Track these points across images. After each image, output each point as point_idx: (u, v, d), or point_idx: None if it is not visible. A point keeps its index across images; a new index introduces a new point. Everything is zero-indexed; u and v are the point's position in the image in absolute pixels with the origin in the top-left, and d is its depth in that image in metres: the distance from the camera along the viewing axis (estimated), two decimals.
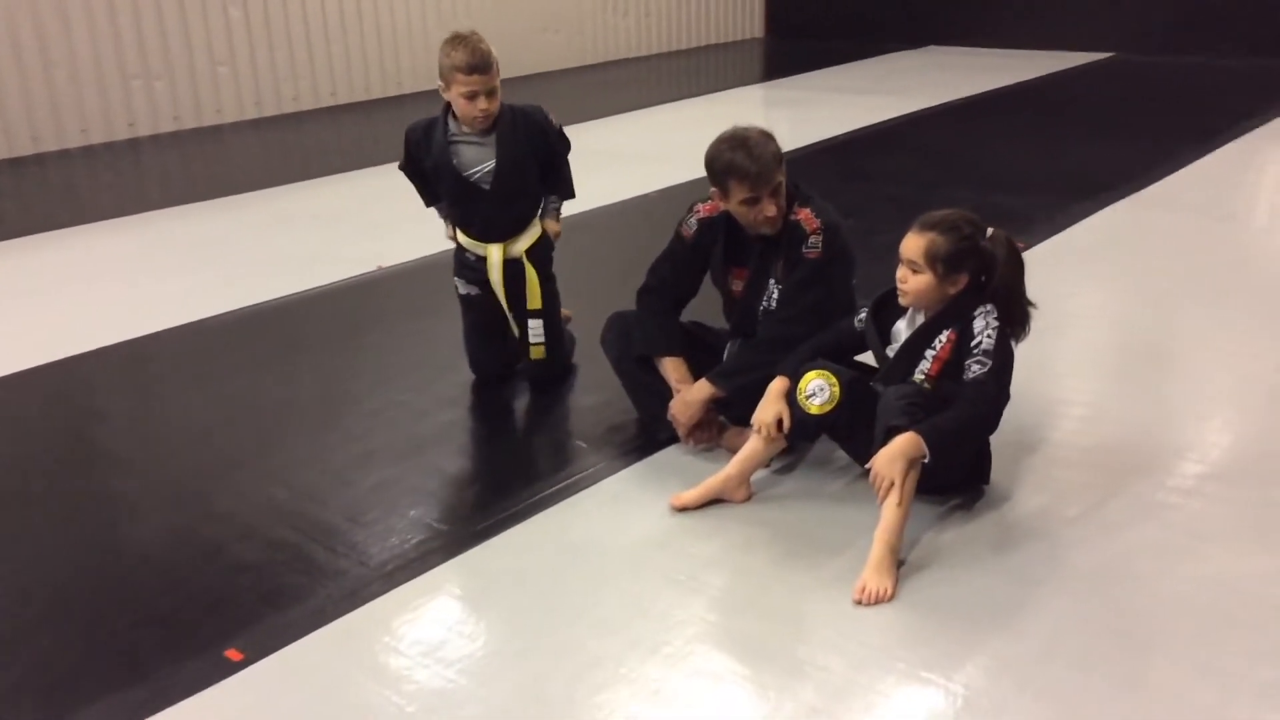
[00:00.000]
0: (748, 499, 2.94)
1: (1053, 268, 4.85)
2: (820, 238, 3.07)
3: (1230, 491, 2.92)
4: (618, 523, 2.89)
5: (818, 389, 2.75)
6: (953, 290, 2.73)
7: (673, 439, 3.27)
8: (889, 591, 2.48)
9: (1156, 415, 3.40)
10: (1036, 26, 12.03)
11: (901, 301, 2.81)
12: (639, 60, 12.52)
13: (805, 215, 3.10)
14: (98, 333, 4.39)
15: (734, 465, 2.92)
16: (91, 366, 4.14)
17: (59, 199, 7.19)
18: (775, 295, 3.16)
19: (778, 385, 2.86)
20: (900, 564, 2.59)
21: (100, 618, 2.58)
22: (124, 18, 8.40)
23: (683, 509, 2.90)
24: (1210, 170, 6.53)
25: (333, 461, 3.29)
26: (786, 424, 2.82)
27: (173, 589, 2.67)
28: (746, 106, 9.57)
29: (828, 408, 2.74)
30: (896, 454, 2.57)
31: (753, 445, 2.91)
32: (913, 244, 2.72)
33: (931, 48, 12.56)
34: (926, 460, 2.58)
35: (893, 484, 2.56)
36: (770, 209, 3.05)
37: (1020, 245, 5.10)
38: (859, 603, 2.47)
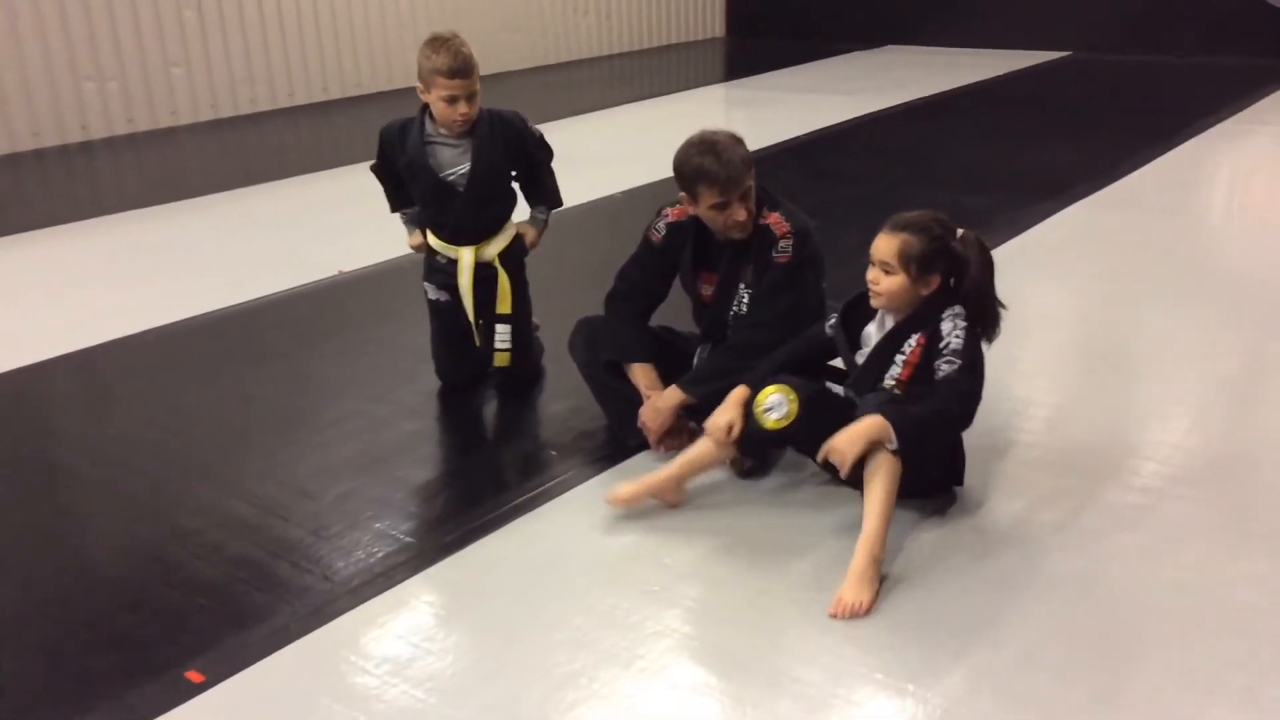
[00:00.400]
0: (680, 503, 2.90)
1: (1016, 268, 4.85)
2: (791, 242, 3.04)
3: (1201, 493, 2.93)
4: (588, 533, 2.84)
5: (775, 404, 2.72)
6: (925, 291, 2.71)
7: (643, 446, 3.22)
8: (864, 605, 2.42)
9: (1126, 416, 3.41)
10: (993, 26, 12.10)
11: (873, 303, 2.78)
12: (600, 60, 12.46)
13: (775, 219, 3.07)
14: (49, 343, 4.27)
15: (676, 466, 2.88)
16: (43, 378, 4.03)
17: (9, 203, 7.02)
18: (745, 300, 3.13)
19: (737, 393, 2.82)
20: (883, 578, 2.53)
21: (57, 639, 2.50)
22: (75, 18, 8.23)
23: (618, 503, 2.86)
24: (1169, 169, 6.58)
25: (295, 474, 3.21)
26: (736, 431, 2.78)
27: (132, 608, 2.59)
28: (708, 106, 9.55)
29: (783, 424, 2.71)
30: (858, 435, 2.55)
31: (699, 449, 2.87)
32: (885, 245, 2.69)
33: (890, 47, 12.60)
34: (893, 447, 2.55)
35: (845, 457, 2.54)
36: (740, 213, 3.01)
37: None
38: (834, 616, 2.42)
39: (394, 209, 3.75)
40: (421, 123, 3.52)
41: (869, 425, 2.56)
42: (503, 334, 3.66)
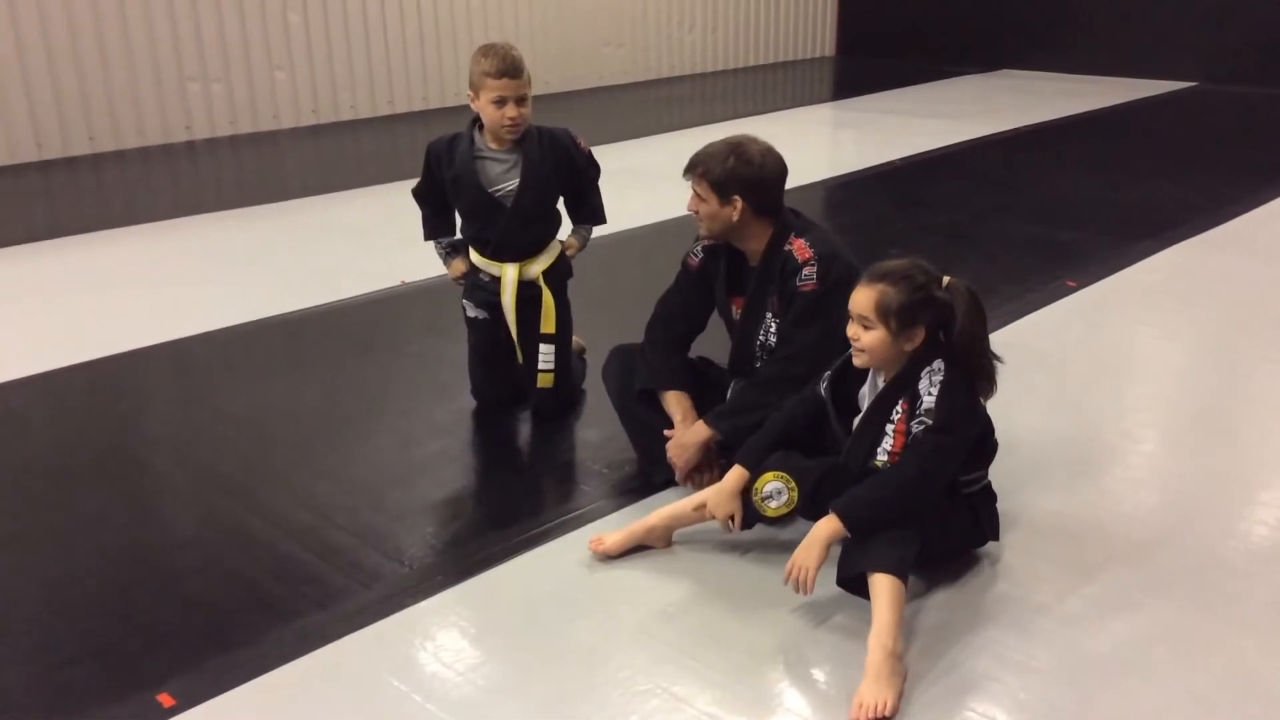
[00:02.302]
0: (669, 546, 2.79)
1: (1103, 310, 4.57)
2: (815, 269, 2.88)
3: (1271, 574, 2.65)
4: (596, 572, 2.70)
5: (775, 492, 2.59)
6: (909, 347, 2.49)
7: (670, 482, 3.08)
8: (888, 705, 2.15)
9: (1203, 483, 3.11)
10: (1114, 52, 11.61)
11: (855, 362, 2.57)
12: (704, 76, 12.35)
13: (799, 245, 2.92)
14: (97, 342, 4.30)
15: (664, 518, 2.78)
16: (90, 376, 4.06)
17: (110, 199, 7.23)
18: (773, 330, 2.99)
19: (735, 479, 2.67)
20: (905, 672, 2.27)
21: (43, 644, 2.47)
22: (183, 20, 8.45)
23: (603, 553, 2.74)
24: None
25: (312, 490, 3.14)
26: (738, 522, 2.67)
27: (120, 621, 2.54)
28: (806, 126, 9.34)
29: (783, 511, 2.59)
30: (815, 541, 2.40)
31: (684, 508, 2.76)
32: (862, 298, 2.49)
33: (1006, 71, 12.21)
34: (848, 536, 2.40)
35: (806, 571, 2.38)
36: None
37: (1070, 284, 4.86)
38: None
39: (428, 237, 3.68)
40: (471, 137, 3.47)
41: (821, 529, 2.41)
42: (546, 354, 3.56)
